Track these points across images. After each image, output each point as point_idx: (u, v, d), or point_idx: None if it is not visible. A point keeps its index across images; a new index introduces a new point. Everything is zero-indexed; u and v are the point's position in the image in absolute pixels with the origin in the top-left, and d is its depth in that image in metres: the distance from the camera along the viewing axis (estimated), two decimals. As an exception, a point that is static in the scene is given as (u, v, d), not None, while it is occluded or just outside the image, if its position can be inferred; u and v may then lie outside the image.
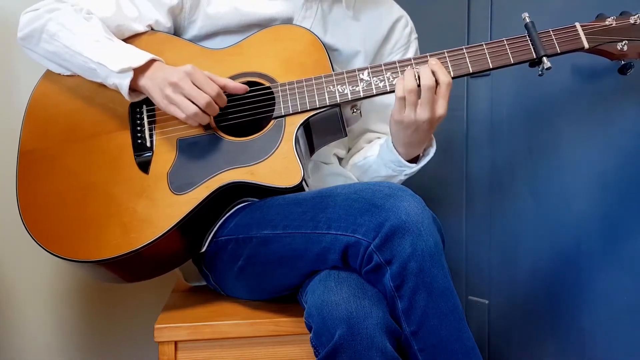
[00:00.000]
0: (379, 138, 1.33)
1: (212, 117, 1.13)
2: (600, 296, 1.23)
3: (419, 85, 1.08)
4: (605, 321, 1.22)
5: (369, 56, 1.28)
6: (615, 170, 1.20)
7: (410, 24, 1.34)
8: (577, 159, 1.26)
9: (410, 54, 1.33)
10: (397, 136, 1.16)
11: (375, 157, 1.25)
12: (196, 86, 1.08)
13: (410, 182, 1.22)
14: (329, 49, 1.20)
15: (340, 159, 1.38)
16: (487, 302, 1.48)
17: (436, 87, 1.08)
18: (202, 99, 1.08)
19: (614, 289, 1.20)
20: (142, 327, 1.55)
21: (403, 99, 1.09)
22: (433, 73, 1.08)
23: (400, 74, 1.12)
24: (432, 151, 1.20)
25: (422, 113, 1.08)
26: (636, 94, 1.17)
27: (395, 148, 1.18)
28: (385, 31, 1.30)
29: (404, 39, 1.32)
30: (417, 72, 1.09)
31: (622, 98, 1.19)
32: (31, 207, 1.12)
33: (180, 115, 1.10)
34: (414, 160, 1.21)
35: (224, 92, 1.12)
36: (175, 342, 1.10)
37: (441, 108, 1.08)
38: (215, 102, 1.10)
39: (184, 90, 1.08)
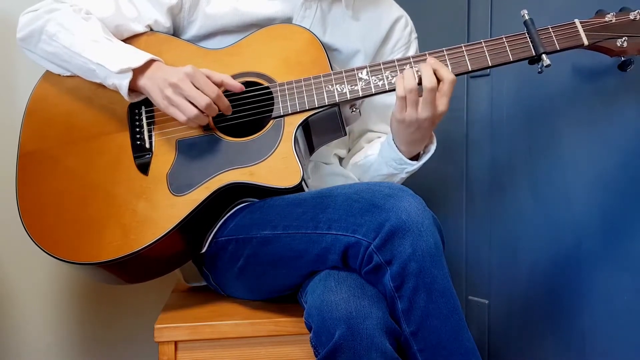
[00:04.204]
0: (379, 137, 1.33)
1: (210, 118, 1.13)
2: (601, 296, 1.23)
3: (419, 84, 1.08)
4: (605, 321, 1.22)
5: (368, 55, 1.28)
6: (615, 170, 1.20)
7: (410, 23, 1.34)
8: (577, 159, 1.26)
9: (411, 53, 1.32)
10: (398, 135, 1.16)
11: (376, 155, 1.25)
12: (196, 87, 1.08)
13: (410, 182, 1.22)
14: (328, 49, 1.20)
15: (341, 159, 1.38)
16: (487, 302, 1.48)
17: (438, 84, 1.07)
18: (203, 100, 1.08)
19: (614, 289, 1.20)
20: (142, 327, 1.55)
21: (404, 98, 1.08)
22: (435, 71, 1.07)
23: (399, 73, 1.12)
24: (433, 148, 1.20)
25: (424, 111, 1.08)
26: (636, 94, 1.17)
27: (396, 146, 1.18)
28: (385, 31, 1.30)
29: (405, 39, 1.32)
30: (418, 71, 1.08)
31: (622, 98, 1.18)
32: (31, 209, 1.12)
33: (181, 117, 1.09)
34: (415, 157, 1.21)
35: (221, 87, 1.12)
36: (175, 342, 1.10)
37: (442, 105, 1.08)
38: (216, 104, 1.10)
39: (184, 91, 1.08)
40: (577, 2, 1.23)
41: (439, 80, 1.07)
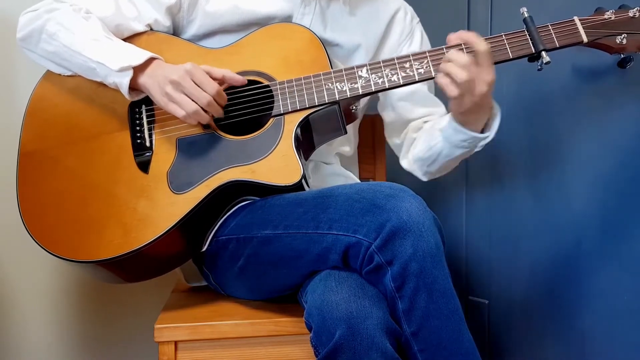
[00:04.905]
0: (425, 122, 1.31)
1: (211, 116, 1.13)
2: (600, 296, 1.23)
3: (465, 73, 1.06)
4: (605, 321, 1.22)
5: (370, 50, 1.28)
6: (615, 170, 1.20)
7: (410, 10, 1.33)
8: (577, 159, 1.26)
9: (417, 39, 1.32)
10: (467, 122, 1.15)
11: (441, 143, 1.21)
12: (197, 85, 1.08)
13: (410, 182, 1.22)
14: (329, 45, 1.20)
15: (344, 158, 1.37)
16: (487, 302, 1.48)
17: (477, 57, 1.07)
18: (203, 97, 1.08)
19: (614, 289, 1.20)
20: (142, 327, 1.55)
21: (461, 94, 1.07)
22: (466, 48, 1.08)
23: (398, 70, 1.12)
24: (498, 112, 1.17)
25: (480, 89, 1.07)
26: (636, 94, 1.17)
27: (464, 128, 1.16)
28: (385, 24, 1.30)
29: (408, 27, 1.31)
30: (454, 60, 1.07)
31: (623, 97, 1.19)
32: (32, 208, 1.12)
33: (180, 113, 1.09)
34: (482, 129, 1.18)
35: (223, 83, 1.12)
36: (175, 342, 1.10)
37: (489, 74, 1.07)
38: (215, 101, 1.10)
39: (185, 88, 1.08)
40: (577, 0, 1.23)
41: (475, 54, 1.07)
